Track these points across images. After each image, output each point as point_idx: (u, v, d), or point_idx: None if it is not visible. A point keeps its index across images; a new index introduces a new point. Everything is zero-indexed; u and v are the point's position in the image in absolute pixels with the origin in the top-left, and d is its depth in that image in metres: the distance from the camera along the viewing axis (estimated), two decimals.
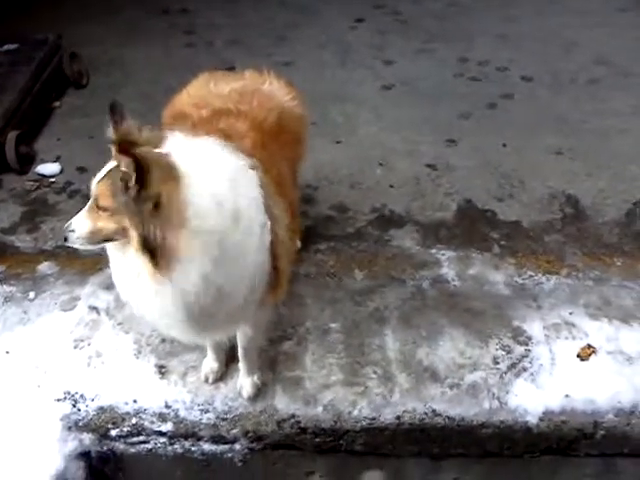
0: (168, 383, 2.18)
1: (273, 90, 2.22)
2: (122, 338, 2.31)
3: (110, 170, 1.57)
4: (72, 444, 2.02)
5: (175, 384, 2.18)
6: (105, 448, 2.06)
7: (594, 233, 2.75)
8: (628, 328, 2.30)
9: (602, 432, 2.07)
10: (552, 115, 3.56)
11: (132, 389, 2.15)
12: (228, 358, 2.19)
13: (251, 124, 1.96)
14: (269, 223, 1.73)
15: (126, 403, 2.11)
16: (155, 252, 1.51)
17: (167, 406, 2.11)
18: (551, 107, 3.63)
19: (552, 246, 2.68)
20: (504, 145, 3.31)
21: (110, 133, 1.54)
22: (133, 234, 1.53)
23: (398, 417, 2.09)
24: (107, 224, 1.58)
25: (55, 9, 4.66)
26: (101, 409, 2.11)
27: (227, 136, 1.84)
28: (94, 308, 2.42)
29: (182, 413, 2.10)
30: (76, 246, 1.66)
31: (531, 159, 3.22)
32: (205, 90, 2.15)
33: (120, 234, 1.57)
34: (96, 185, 1.59)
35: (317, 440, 2.09)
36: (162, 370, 2.21)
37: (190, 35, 4.55)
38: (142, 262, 1.54)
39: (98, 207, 1.58)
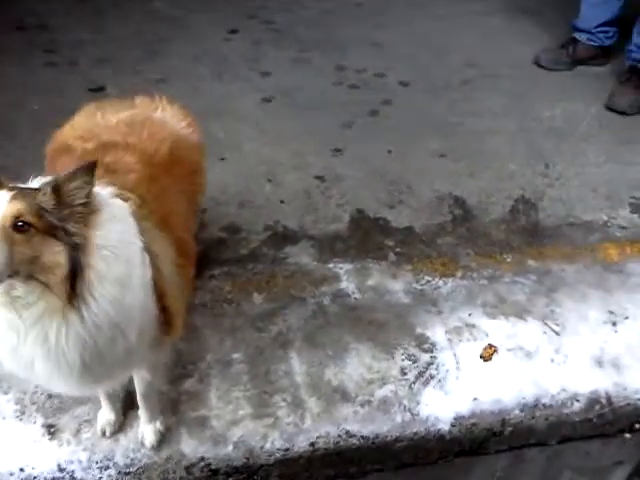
0: (60, 443, 1.97)
1: (166, 118, 2.10)
2: (0, 400, 2.06)
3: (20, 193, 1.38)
4: None
5: (68, 443, 1.97)
6: None
7: (483, 232, 2.82)
8: (523, 323, 2.37)
9: (510, 428, 2.12)
10: (431, 119, 3.64)
11: (18, 456, 1.92)
12: (126, 405, 2.02)
13: (140, 157, 1.83)
14: (148, 259, 1.60)
15: (11, 474, 1.88)
16: (76, 282, 1.38)
17: (61, 469, 1.91)
18: (429, 111, 3.71)
19: (445, 249, 2.72)
20: (389, 152, 3.34)
21: None
22: (60, 260, 1.37)
23: (312, 444, 2.02)
24: (27, 248, 1.34)
25: None
26: None
27: (112, 171, 1.72)
28: None
29: (79, 474, 1.90)
30: None
31: (416, 164, 3.26)
32: (91, 121, 2.00)
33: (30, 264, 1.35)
34: (9, 204, 1.34)
35: None
36: (51, 430, 1.99)
37: (51, 53, 4.23)
38: (52, 299, 1.38)
39: (17, 227, 1.33)
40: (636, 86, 3.74)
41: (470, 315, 2.39)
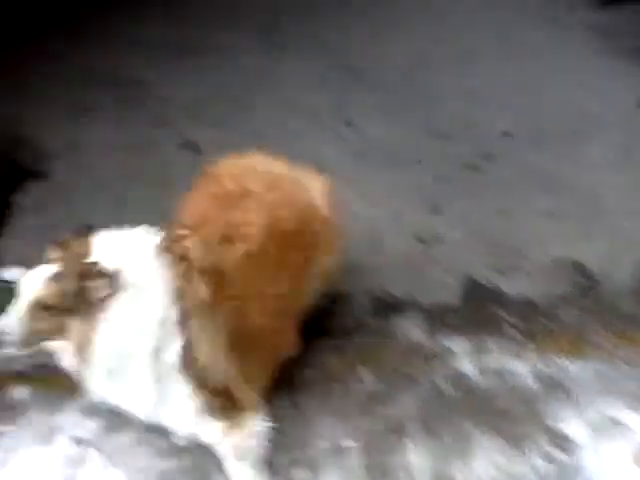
0: None
1: (304, 182, 2.14)
2: (112, 473, 1.97)
3: (58, 272, 1.64)
4: None
5: None
6: None
7: (610, 304, 2.57)
8: None
9: None
10: (535, 173, 3.41)
11: None
12: None
13: (263, 219, 1.88)
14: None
15: None
16: None
17: None
18: (532, 164, 3.49)
19: (570, 323, 2.48)
20: (493, 210, 3.13)
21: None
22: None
23: None
24: (50, 324, 1.63)
25: None
26: None
27: (228, 240, 1.79)
28: (78, 440, 2.07)
29: None
30: (11, 350, 1.65)
31: (524, 224, 3.04)
32: (239, 165, 2.10)
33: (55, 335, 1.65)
34: (45, 284, 1.61)
35: None
36: None
37: (144, 109, 4.19)
38: None
39: (43, 306, 1.61)
40: None
41: (610, 407, 2.13)
